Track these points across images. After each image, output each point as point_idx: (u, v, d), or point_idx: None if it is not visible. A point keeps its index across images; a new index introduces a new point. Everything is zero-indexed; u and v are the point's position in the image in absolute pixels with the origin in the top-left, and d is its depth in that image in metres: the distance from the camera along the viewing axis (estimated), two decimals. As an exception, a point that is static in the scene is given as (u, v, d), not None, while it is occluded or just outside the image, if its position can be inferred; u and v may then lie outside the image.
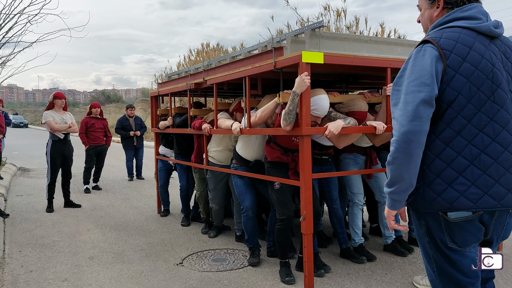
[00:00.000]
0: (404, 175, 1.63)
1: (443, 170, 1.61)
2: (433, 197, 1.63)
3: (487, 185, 1.57)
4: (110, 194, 7.75)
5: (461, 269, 1.66)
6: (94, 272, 3.73)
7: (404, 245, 4.09)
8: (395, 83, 1.71)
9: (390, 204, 1.74)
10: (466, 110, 1.58)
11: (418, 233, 1.78)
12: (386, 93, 3.39)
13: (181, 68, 21.05)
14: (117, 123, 9.33)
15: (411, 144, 1.58)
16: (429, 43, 1.63)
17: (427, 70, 1.58)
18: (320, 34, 3.21)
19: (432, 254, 1.72)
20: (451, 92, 1.58)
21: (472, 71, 1.57)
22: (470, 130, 1.58)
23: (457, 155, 1.59)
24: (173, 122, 5.32)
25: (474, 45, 1.59)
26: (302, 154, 3.09)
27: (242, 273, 3.64)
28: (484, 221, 1.62)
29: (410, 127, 1.58)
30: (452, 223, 1.62)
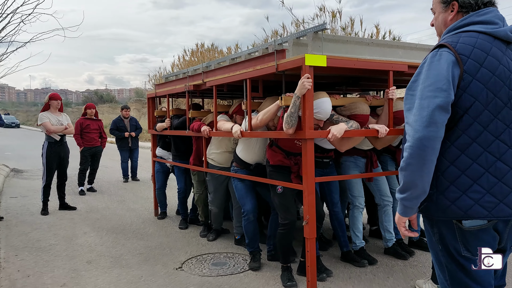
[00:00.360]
0: (417, 181, 1.60)
1: (458, 177, 1.58)
2: (447, 205, 1.60)
3: (503, 193, 1.55)
4: (106, 196, 7.68)
5: (475, 278, 1.64)
6: (93, 276, 3.67)
7: (405, 248, 4.09)
8: (409, 87, 1.68)
9: (401, 211, 1.71)
10: (482, 117, 1.55)
11: (430, 241, 1.76)
12: (389, 96, 3.38)
13: (176, 68, 20.99)
14: (111, 124, 9.26)
15: (426, 150, 1.56)
16: (445, 47, 1.60)
17: (443, 75, 1.55)
18: (323, 37, 3.19)
19: (445, 262, 1.69)
20: (468, 98, 1.56)
21: (489, 77, 1.55)
22: (486, 137, 1.55)
23: (473, 162, 1.57)
24: (170, 124, 5.27)
25: (491, 50, 1.57)
26: (305, 158, 3.06)
27: (243, 278, 3.61)
28: (498, 230, 1.60)
29: (425, 133, 1.55)
30: (467, 231, 1.60)
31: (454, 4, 1.70)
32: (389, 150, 4.20)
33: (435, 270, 1.81)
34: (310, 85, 2.94)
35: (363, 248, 3.91)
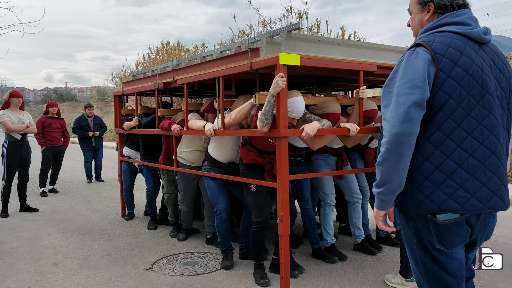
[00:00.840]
0: (393, 176, 1.65)
1: (432, 172, 1.63)
2: (422, 199, 1.65)
3: (475, 188, 1.61)
4: (69, 196, 7.44)
5: (448, 270, 1.70)
6: (59, 279, 3.55)
7: (373, 244, 4.19)
8: (386, 84, 1.72)
9: (378, 205, 1.76)
10: (456, 114, 1.61)
11: (405, 235, 1.81)
12: (359, 95, 3.45)
13: (141, 67, 20.58)
14: (74, 122, 8.97)
15: (402, 145, 1.60)
16: (422, 46, 1.65)
17: (419, 73, 1.60)
18: (296, 36, 3.22)
19: (420, 256, 1.75)
20: (443, 95, 1.61)
21: (463, 76, 1.60)
22: (459, 134, 1.61)
23: (446, 158, 1.62)
24: (139, 122, 5.16)
25: (465, 50, 1.63)
26: (279, 156, 3.08)
27: (215, 277, 3.59)
28: (470, 223, 1.67)
29: (401, 129, 1.59)
30: (441, 225, 1.65)
31: (430, 5, 1.76)
32: (358, 149, 4.30)
33: (410, 264, 1.86)
34: (284, 84, 2.97)
35: (333, 245, 3.98)
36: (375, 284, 3.37)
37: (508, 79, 1.72)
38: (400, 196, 1.72)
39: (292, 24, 3.23)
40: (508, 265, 3.72)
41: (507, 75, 1.72)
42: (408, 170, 1.66)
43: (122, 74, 24.01)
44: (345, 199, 4.16)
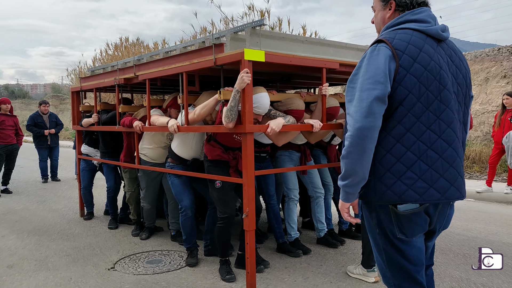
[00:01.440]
0: (357, 168, 1.70)
1: (393, 164, 1.70)
2: (384, 190, 1.71)
3: (433, 179, 1.68)
4: (23, 197, 7.12)
5: (409, 258, 1.77)
6: (16, 281, 3.40)
7: (336, 237, 4.30)
8: (350, 80, 1.77)
9: (344, 197, 1.81)
10: (415, 108, 1.68)
11: (369, 225, 1.87)
12: (322, 92, 3.53)
13: (98, 63, 19.94)
14: (29, 119, 8.58)
15: (365, 139, 1.65)
16: (383, 42, 1.71)
17: (381, 68, 1.65)
18: (260, 33, 3.25)
19: (382, 245, 1.82)
20: (403, 90, 1.67)
21: (422, 72, 1.67)
22: (419, 127, 1.68)
23: (407, 150, 1.69)
24: (98, 119, 5.02)
25: (424, 47, 1.70)
26: (245, 152, 3.09)
27: (180, 274, 3.56)
28: (429, 213, 1.75)
29: (364, 123, 1.64)
30: (401, 215, 1.72)
31: (392, 3, 1.83)
32: (320, 146, 4.39)
33: (373, 252, 1.93)
34: (249, 80, 2.98)
35: (297, 239, 4.05)
36: (337, 275, 3.46)
37: (465, 75, 1.81)
38: (364, 187, 1.77)
39: (257, 20, 3.25)
40: (461, 254, 3.93)
41: (464, 71, 1.80)
42: (371, 163, 1.72)
43: (79, 70, 23.19)
44: (308, 194, 4.23)
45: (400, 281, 1.82)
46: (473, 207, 6.05)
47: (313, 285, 3.27)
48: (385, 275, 1.88)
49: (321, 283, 3.30)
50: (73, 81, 24.82)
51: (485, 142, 9.56)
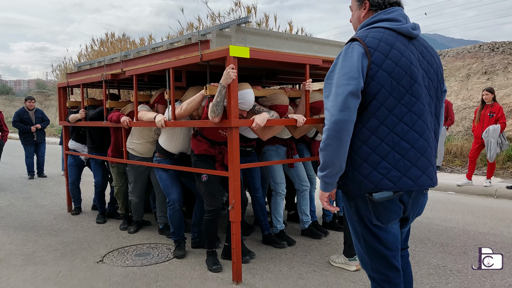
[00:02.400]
0: (335, 160, 1.81)
1: (369, 155, 1.81)
2: (361, 180, 1.82)
3: (406, 168, 1.80)
4: (9, 193, 7.09)
5: (385, 243, 1.89)
6: (3, 276, 3.44)
7: (320, 228, 4.42)
8: (327, 77, 1.87)
9: (323, 187, 1.91)
10: (388, 102, 1.78)
11: (348, 213, 1.99)
12: (305, 88, 3.62)
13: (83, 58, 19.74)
14: (14, 115, 8.54)
15: (341, 132, 1.76)
16: (357, 41, 1.82)
17: (354, 65, 1.76)
18: (245, 30, 3.33)
19: (361, 232, 1.93)
20: (375, 85, 1.78)
21: (393, 67, 1.78)
22: (391, 120, 1.79)
23: (381, 142, 1.79)
24: (86, 114, 5.04)
25: (395, 44, 1.81)
26: (230, 146, 3.18)
27: (168, 266, 3.64)
28: (403, 200, 1.86)
29: (340, 116, 1.75)
30: (377, 202, 1.83)
31: (366, 3, 1.94)
32: (305, 141, 4.49)
33: (353, 240, 2.04)
34: (235, 75, 3.06)
35: (282, 231, 4.16)
36: (321, 264, 3.58)
37: (436, 70, 1.92)
38: (343, 178, 1.88)
39: (242, 17, 3.33)
40: (439, 243, 4.09)
41: (435, 67, 1.92)
42: (348, 154, 1.83)
43: (64, 66, 22.91)
44: (295, 187, 4.34)
45: (377, 266, 1.93)
46: (453, 199, 6.24)
47: (298, 274, 3.38)
48: (363, 260, 1.99)
49: (306, 272, 3.42)
50: (58, 77, 24.53)
51: (467, 137, 9.80)
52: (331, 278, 3.30)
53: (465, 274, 3.33)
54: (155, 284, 3.24)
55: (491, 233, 4.41)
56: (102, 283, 3.28)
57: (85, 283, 3.28)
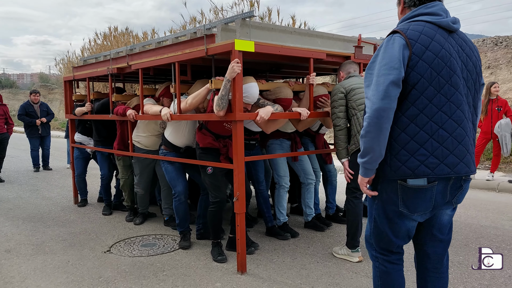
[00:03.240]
0: (375, 146, 1.89)
1: (407, 142, 1.89)
2: (398, 166, 1.90)
3: (443, 156, 1.87)
4: (16, 185, 7.18)
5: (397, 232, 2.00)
6: (15, 264, 3.52)
7: (323, 221, 4.49)
8: (368, 67, 1.96)
9: (363, 173, 2.01)
10: (427, 92, 1.86)
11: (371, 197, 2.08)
12: (309, 81, 3.67)
13: (87, 52, 19.79)
14: (20, 109, 8.60)
15: (382, 119, 1.84)
16: (398, 33, 1.90)
17: (395, 56, 1.84)
18: (250, 24, 3.37)
19: (375, 215, 2.04)
20: (415, 75, 1.86)
21: (433, 58, 1.85)
22: (431, 109, 1.86)
23: (420, 130, 1.87)
24: (92, 108, 5.11)
25: (435, 37, 1.88)
26: (235, 139, 3.23)
27: (174, 256, 3.72)
28: (438, 190, 1.92)
29: (380, 104, 1.83)
30: (409, 189, 1.91)
31: (401, 1, 2.05)
32: (309, 134, 4.54)
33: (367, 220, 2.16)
34: (239, 69, 3.11)
35: (286, 223, 4.23)
36: (324, 256, 3.65)
37: (475, 63, 1.98)
38: (380, 163, 1.97)
39: (247, 12, 3.37)
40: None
41: (474, 60, 1.98)
42: (388, 141, 1.91)
43: (67, 60, 22.98)
44: (300, 180, 4.38)
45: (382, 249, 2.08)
46: (455, 193, 6.27)
47: (301, 265, 3.45)
48: (369, 241, 2.11)
49: (309, 263, 3.49)
50: (61, 70, 24.58)
51: (470, 131, 9.81)
52: (333, 268, 3.37)
53: (466, 266, 3.39)
54: (162, 273, 3.32)
55: (492, 226, 4.47)
56: (110, 271, 3.36)
57: (94, 271, 3.37)
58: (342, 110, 3.46)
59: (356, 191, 3.48)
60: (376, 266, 2.08)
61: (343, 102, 3.46)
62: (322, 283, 3.09)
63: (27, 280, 3.21)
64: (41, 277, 3.26)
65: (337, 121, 3.47)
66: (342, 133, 3.47)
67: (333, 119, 3.52)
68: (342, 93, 3.46)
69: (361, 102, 3.38)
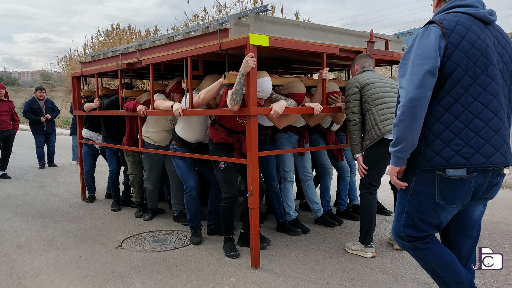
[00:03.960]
0: (407, 135, 1.89)
1: (442, 132, 1.88)
2: (432, 156, 1.90)
3: (479, 145, 1.85)
4: (22, 182, 7.18)
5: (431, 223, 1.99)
6: (27, 259, 3.52)
7: (334, 217, 4.48)
8: (403, 58, 1.96)
9: (394, 162, 2.00)
10: (463, 81, 1.85)
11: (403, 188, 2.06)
12: (322, 76, 3.66)
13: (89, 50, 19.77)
14: (25, 105, 8.60)
15: (416, 108, 1.84)
16: (434, 23, 1.90)
17: (431, 45, 1.84)
18: (264, 18, 3.35)
19: (407, 207, 2.04)
20: (451, 64, 1.85)
21: (469, 48, 1.85)
22: (466, 98, 1.85)
23: (455, 119, 1.86)
24: (100, 104, 5.10)
25: (471, 27, 1.88)
26: (249, 133, 3.22)
27: (186, 251, 3.71)
28: (477, 182, 1.90)
29: (415, 93, 1.83)
30: (448, 179, 1.89)
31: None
32: (320, 131, 4.52)
33: (395, 213, 2.14)
34: (254, 63, 3.09)
35: (296, 219, 4.22)
36: (337, 251, 3.64)
37: (511, 55, 1.97)
38: (413, 153, 1.96)
39: (261, 6, 3.35)
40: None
41: (510, 52, 1.98)
42: (422, 131, 1.91)
43: (69, 57, 22.95)
44: (299, 177, 4.37)
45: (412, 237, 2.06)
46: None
47: (314, 260, 3.44)
48: (398, 234, 2.10)
49: (322, 259, 3.47)
50: (64, 68, 24.57)
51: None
52: (347, 264, 3.36)
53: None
54: (176, 268, 3.31)
55: (504, 223, 4.46)
56: (123, 266, 3.35)
57: (107, 266, 3.36)
58: (356, 105, 3.45)
59: (370, 187, 3.47)
60: (416, 253, 2.08)
61: (357, 97, 3.44)
62: (337, 278, 3.08)
63: (41, 275, 3.20)
64: (55, 272, 3.26)
65: (352, 115, 3.46)
66: (357, 128, 3.46)
67: (347, 114, 3.50)
68: (357, 88, 3.44)
69: (376, 97, 3.36)
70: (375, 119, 3.33)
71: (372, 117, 3.35)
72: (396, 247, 3.65)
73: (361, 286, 2.95)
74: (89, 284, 3.03)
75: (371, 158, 3.42)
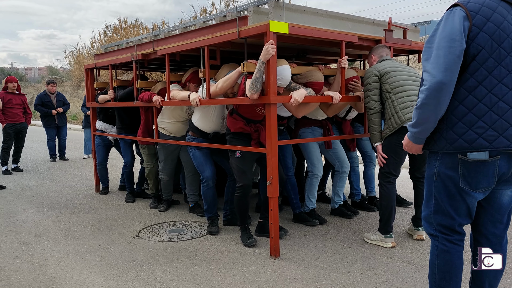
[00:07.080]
0: (430, 118, 1.87)
1: (465, 115, 1.84)
2: (455, 139, 1.86)
3: (503, 128, 1.82)
4: (35, 175, 7.21)
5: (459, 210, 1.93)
6: (47, 248, 3.53)
7: (350, 208, 4.45)
8: (428, 41, 1.91)
9: (414, 140, 2.01)
10: (488, 63, 1.81)
11: (428, 173, 2.03)
12: (341, 65, 3.62)
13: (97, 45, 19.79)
14: (36, 99, 8.63)
15: (442, 92, 1.81)
16: (458, 6, 1.86)
17: (456, 27, 1.80)
18: (284, 6, 3.32)
19: (435, 193, 1.99)
20: (476, 47, 1.81)
21: (494, 30, 1.81)
22: (490, 81, 1.81)
23: (478, 102, 1.82)
24: (115, 95, 5.09)
25: (497, 9, 1.84)
26: (268, 122, 3.20)
27: (204, 241, 3.70)
28: (502, 166, 1.86)
29: (441, 77, 1.79)
30: (470, 163, 1.85)
31: None
32: (336, 121, 4.47)
33: (424, 201, 2.10)
34: (274, 51, 3.07)
35: (314, 210, 4.19)
36: (355, 241, 3.62)
37: None
38: (435, 136, 1.93)
39: (280, -7, 3.32)
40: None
41: None
42: (444, 114, 1.88)
43: (77, 52, 23.02)
44: (335, 168, 4.29)
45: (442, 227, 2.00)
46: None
47: (333, 250, 3.42)
48: (429, 221, 2.05)
49: (341, 248, 3.46)
50: (71, 63, 24.64)
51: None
52: (367, 254, 3.34)
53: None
54: (195, 257, 3.30)
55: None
56: (143, 255, 3.36)
57: (126, 255, 3.36)
58: (376, 93, 3.41)
59: (389, 176, 3.44)
60: (435, 245, 2.03)
61: (377, 85, 3.41)
62: (357, 267, 3.06)
63: (62, 263, 3.21)
64: (75, 260, 3.26)
65: (371, 104, 3.42)
66: (376, 116, 3.42)
67: (367, 102, 3.47)
68: (376, 76, 3.41)
69: (395, 85, 3.32)
70: (395, 108, 3.29)
71: (392, 106, 3.32)
72: (416, 237, 3.62)
73: (383, 275, 2.93)
74: (110, 272, 3.03)
75: (391, 147, 3.39)
